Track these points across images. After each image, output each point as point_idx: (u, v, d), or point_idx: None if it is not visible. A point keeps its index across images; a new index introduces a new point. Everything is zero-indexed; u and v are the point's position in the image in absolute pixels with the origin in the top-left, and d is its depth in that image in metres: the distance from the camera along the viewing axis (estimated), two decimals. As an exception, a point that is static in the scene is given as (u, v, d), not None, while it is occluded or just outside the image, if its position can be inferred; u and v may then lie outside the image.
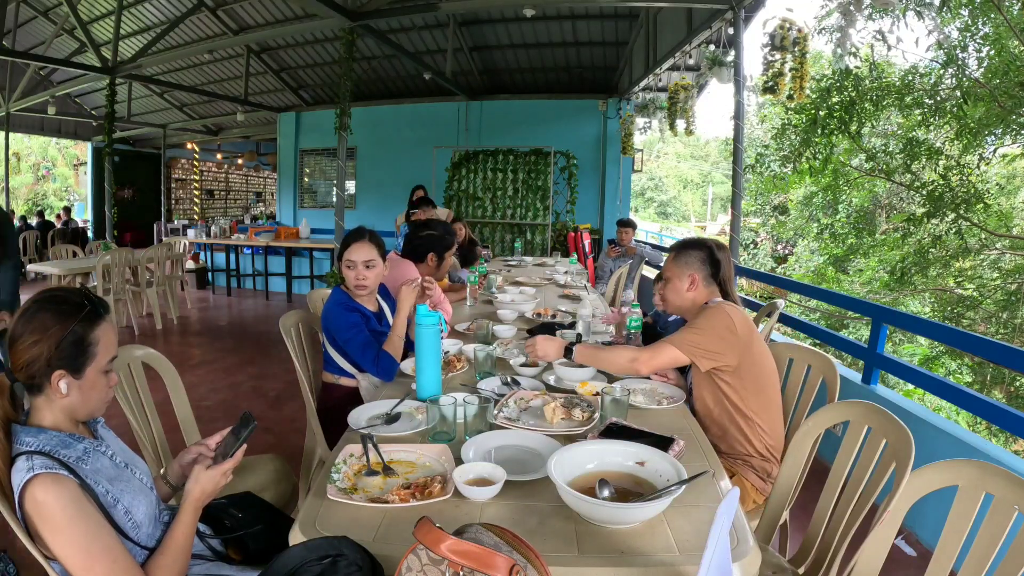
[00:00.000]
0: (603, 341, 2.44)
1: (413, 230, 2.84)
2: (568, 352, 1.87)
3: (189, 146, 12.82)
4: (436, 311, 1.76)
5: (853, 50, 7.52)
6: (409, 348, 2.20)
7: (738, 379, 1.73)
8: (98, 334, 1.08)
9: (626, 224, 5.55)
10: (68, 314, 1.05)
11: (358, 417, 1.59)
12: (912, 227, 9.83)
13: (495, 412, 1.55)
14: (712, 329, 1.72)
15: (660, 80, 7.06)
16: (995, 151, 9.46)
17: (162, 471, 1.32)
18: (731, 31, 4.54)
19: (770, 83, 3.99)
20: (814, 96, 9.61)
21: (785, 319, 3.99)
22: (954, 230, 9.09)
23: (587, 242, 7.35)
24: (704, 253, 1.89)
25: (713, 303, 1.81)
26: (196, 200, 13.49)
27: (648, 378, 1.95)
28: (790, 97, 4.00)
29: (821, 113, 9.74)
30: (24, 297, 1.14)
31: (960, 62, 8.45)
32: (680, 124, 5.94)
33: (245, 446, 1.17)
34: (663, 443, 1.37)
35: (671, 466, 1.19)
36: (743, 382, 1.73)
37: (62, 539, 0.95)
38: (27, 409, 1.08)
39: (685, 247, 1.93)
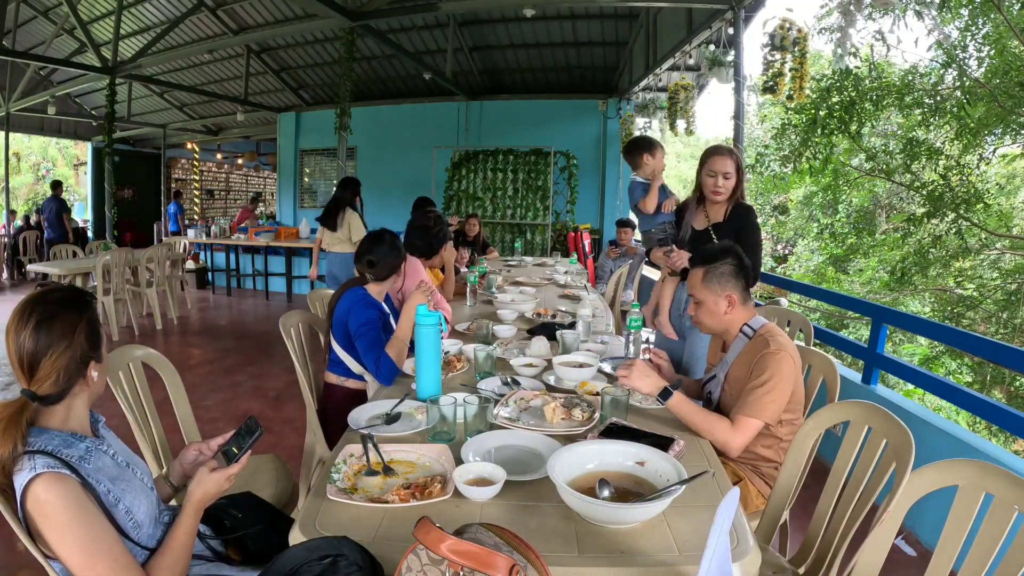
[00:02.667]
0: (601, 340, 2.44)
1: (410, 228, 2.87)
2: (664, 395, 1.61)
3: (189, 146, 12.82)
4: (436, 311, 1.76)
5: (853, 50, 7.52)
6: (409, 348, 2.21)
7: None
8: (98, 316, 1.13)
9: (625, 224, 5.55)
10: (80, 308, 1.08)
11: (358, 417, 1.59)
12: (912, 227, 9.83)
13: (495, 412, 1.55)
14: (784, 382, 1.60)
15: (660, 80, 7.05)
16: (995, 151, 9.47)
17: (164, 472, 1.32)
18: (731, 31, 4.54)
19: (770, 83, 3.98)
20: (814, 96, 9.61)
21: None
22: (954, 230, 9.09)
23: (587, 242, 7.35)
24: (734, 263, 1.72)
25: (772, 344, 1.63)
26: (196, 200, 13.49)
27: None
28: (790, 97, 3.99)
29: (821, 113, 9.74)
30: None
31: (961, 62, 8.46)
32: (680, 124, 5.94)
33: (250, 452, 1.17)
34: (663, 443, 1.37)
35: (671, 466, 1.20)
36: (787, 406, 1.69)
37: (63, 538, 0.95)
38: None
39: (712, 260, 1.73)
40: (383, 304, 2.19)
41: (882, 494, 1.30)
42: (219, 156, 13.96)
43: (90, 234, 11.90)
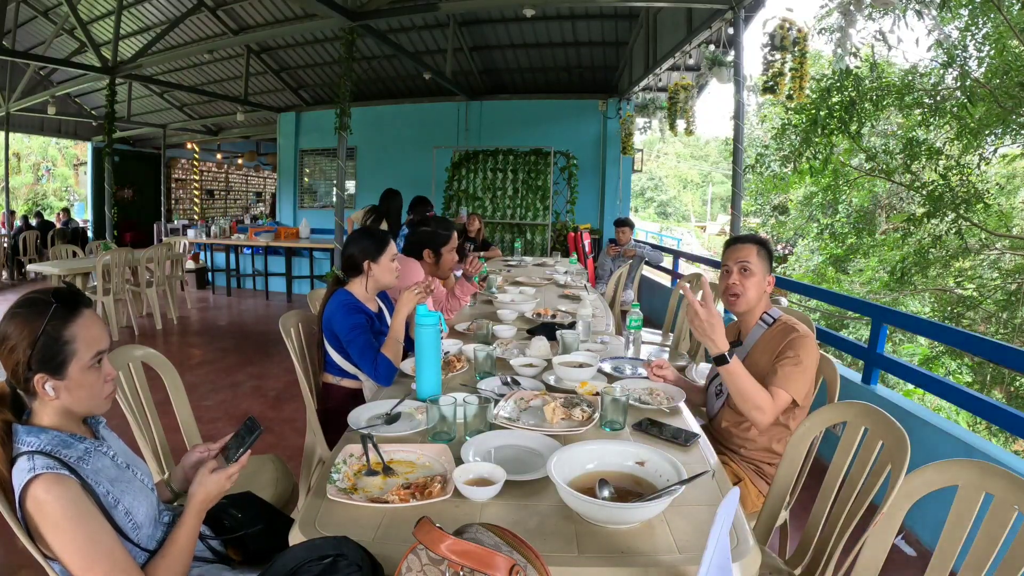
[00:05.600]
0: (601, 340, 2.44)
1: (411, 228, 2.85)
2: (726, 357, 1.60)
3: (189, 146, 12.81)
4: (436, 311, 1.76)
5: (853, 50, 7.52)
6: (409, 348, 2.20)
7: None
8: (74, 331, 1.04)
9: (623, 223, 5.57)
10: (36, 316, 1.03)
11: (358, 417, 1.59)
12: (912, 227, 9.84)
13: (495, 412, 1.55)
14: (812, 366, 1.66)
15: (660, 80, 7.05)
16: (995, 151, 9.47)
17: (165, 476, 1.32)
18: (731, 31, 4.54)
19: (770, 83, 3.99)
20: (814, 96, 9.61)
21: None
22: (954, 230, 9.10)
23: (587, 242, 7.35)
24: (770, 253, 1.83)
25: (800, 330, 1.69)
26: (196, 200, 13.48)
27: (646, 377, 1.95)
28: (790, 97, 4.00)
29: (821, 113, 9.74)
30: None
31: (962, 62, 8.46)
32: (680, 124, 5.95)
33: (250, 451, 1.17)
34: (688, 437, 1.47)
35: (671, 466, 1.20)
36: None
37: (63, 539, 0.95)
38: (29, 410, 1.08)
39: (763, 243, 1.82)
40: (369, 304, 2.17)
41: (880, 495, 1.30)
42: (219, 156, 13.95)
43: (90, 234, 11.90)
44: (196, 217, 13.01)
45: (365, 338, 1.99)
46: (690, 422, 1.61)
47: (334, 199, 6.17)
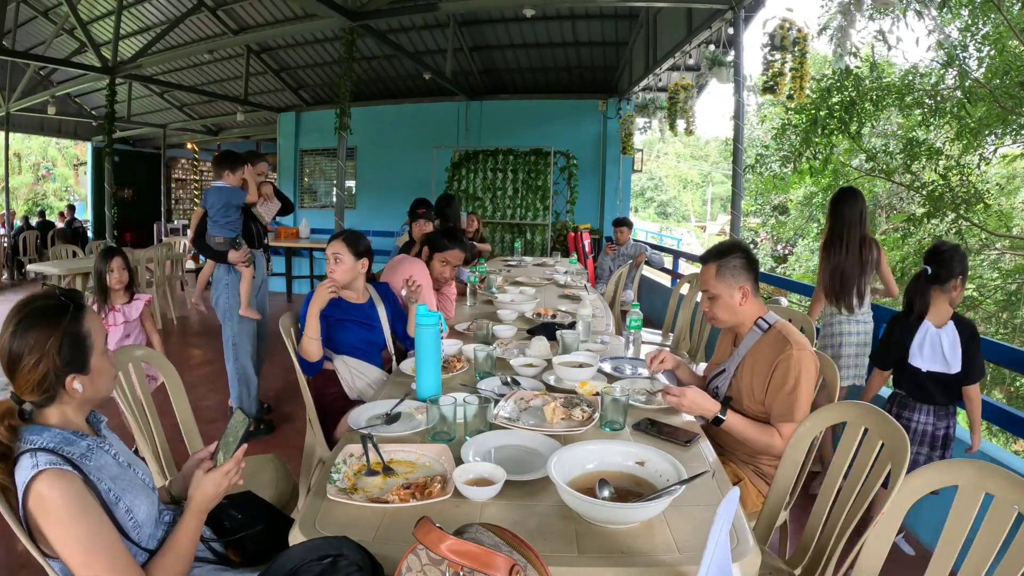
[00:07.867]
0: (601, 340, 2.44)
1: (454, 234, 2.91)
2: (722, 412, 1.66)
3: (189, 146, 12.81)
4: (436, 311, 1.76)
5: (853, 50, 7.52)
6: (409, 348, 2.21)
7: None
8: (87, 325, 1.08)
9: (622, 223, 5.57)
10: (55, 321, 1.04)
11: (358, 417, 1.59)
12: (912, 227, 9.84)
13: (495, 412, 1.55)
14: (810, 380, 1.65)
15: (660, 80, 7.05)
16: (995, 151, 9.47)
17: (167, 483, 1.32)
18: (731, 31, 4.54)
19: (770, 83, 3.98)
20: (814, 96, 9.62)
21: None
22: (954, 230, 9.10)
23: (587, 242, 7.35)
24: (743, 258, 1.75)
25: (794, 346, 1.64)
26: (196, 200, 13.48)
27: (646, 377, 1.94)
28: (790, 97, 4.00)
29: (821, 113, 9.74)
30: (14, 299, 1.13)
31: (961, 62, 8.47)
32: (680, 124, 5.95)
33: (245, 445, 1.17)
34: (688, 437, 1.47)
35: (671, 466, 1.20)
36: None
37: (64, 534, 0.95)
38: (30, 411, 1.08)
39: (723, 255, 1.76)
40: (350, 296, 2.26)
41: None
42: (219, 156, 13.95)
43: (90, 234, 11.90)
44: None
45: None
46: (690, 422, 1.61)
47: (334, 199, 6.17)
